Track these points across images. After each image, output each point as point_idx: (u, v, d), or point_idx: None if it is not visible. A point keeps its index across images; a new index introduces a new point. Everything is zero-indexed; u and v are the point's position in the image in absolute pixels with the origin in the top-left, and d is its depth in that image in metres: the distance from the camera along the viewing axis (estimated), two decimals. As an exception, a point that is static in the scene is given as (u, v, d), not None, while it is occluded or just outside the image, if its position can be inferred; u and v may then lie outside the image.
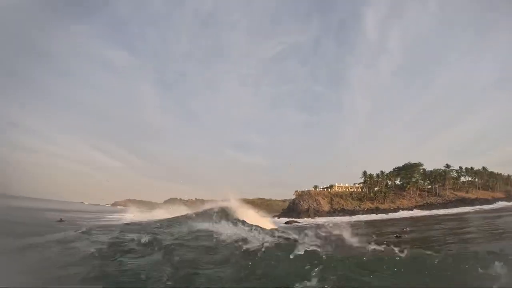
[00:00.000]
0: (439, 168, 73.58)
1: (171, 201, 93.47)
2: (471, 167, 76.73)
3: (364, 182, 76.94)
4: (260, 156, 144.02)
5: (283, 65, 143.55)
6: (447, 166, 73.79)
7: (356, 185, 78.66)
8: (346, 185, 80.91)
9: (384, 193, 69.91)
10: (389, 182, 75.22)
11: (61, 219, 16.31)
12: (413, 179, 71.55)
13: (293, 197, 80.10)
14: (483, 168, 77.45)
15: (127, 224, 15.27)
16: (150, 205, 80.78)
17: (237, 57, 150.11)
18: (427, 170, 72.95)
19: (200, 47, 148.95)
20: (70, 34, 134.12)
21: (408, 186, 70.29)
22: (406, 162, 74.15)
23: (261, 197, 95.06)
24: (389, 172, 76.10)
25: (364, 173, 77.11)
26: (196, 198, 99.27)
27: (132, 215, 26.79)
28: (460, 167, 75.95)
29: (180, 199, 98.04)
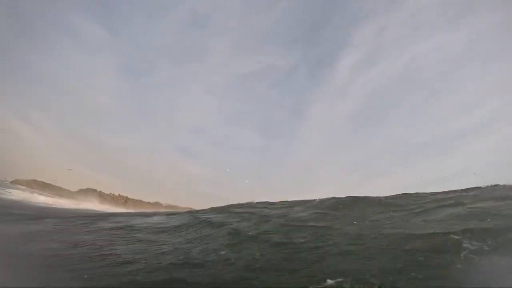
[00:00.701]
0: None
1: (88, 191, 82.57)
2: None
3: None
4: (204, 167, 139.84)
5: (253, 84, 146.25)
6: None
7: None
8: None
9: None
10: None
11: None
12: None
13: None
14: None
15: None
16: (59, 191, 69.85)
17: (213, 64, 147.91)
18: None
19: (181, 44, 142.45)
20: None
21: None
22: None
23: (193, 208, 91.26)
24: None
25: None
26: (119, 194, 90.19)
27: (19, 197, 22.53)
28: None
29: (100, 192, 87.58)
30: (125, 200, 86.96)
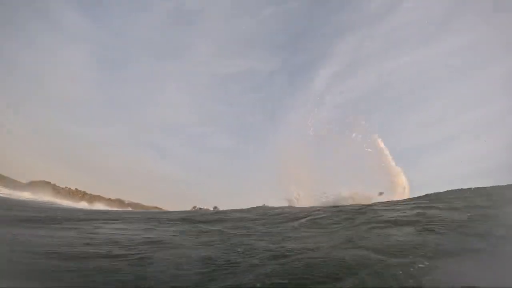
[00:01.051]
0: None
1: (40, 184, 75.41)
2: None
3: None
4: (174, 166, 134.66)
5: (231, 86, 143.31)
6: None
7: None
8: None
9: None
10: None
11: None
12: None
13: (190, 212, 78.53)
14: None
15: None
16: (6, 182, 62.75)
17: (194, 63, 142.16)
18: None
19: (163, 40, 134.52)
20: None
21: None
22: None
23: (158, 207, 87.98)
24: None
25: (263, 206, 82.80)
26: (77, 189, 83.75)
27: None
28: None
29: (54, 185, 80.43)
30: (82, 195, 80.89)
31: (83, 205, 56.16)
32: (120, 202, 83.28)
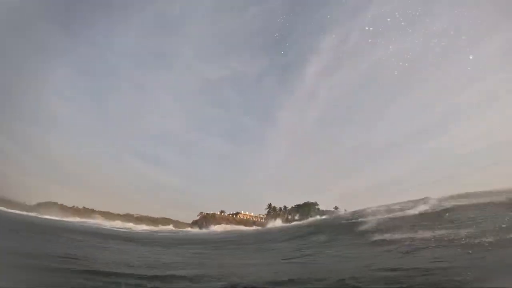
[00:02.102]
0: (330, 209, 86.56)
1: (48, 205, 74.20)
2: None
3: (268, 213, 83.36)
4: (171, 174, 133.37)
5: (221, 90, 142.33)
6: (336, 207, 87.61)
7: (261, 215, 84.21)
8: (252, 214, 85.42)
9: (283, 226, 76.67)
10: (289, 217, 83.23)
11: None
12: (309, 216, 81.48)
13: (197, 219, 79.81)
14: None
15: None
16: (13, 205, 61.16)
17: (181, 70, 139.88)
18: (321, 209, 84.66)
19: (146, 48, 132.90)
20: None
21: (304, 221, 79.62)
22: (306, 201, 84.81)
23: (167, 217, 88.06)
24: (291, 208, 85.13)
25: (269, 205, 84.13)
26: (84, 207, 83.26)
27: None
28: (345, 210, 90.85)
29: (62, 205, 79.31)
30: (91, 213, 79.90)
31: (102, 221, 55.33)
32: (129, 216, 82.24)
